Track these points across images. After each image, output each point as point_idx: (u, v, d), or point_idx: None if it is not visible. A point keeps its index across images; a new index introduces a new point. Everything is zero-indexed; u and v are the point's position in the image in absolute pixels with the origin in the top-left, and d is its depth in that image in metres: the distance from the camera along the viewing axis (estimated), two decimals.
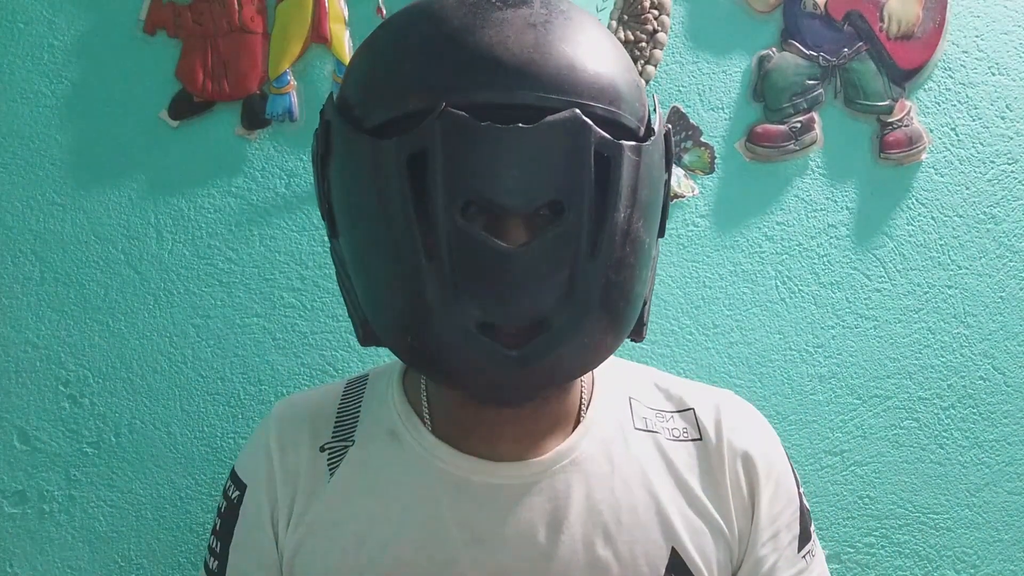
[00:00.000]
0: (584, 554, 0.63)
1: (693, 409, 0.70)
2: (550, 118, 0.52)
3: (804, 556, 0.69)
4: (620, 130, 0.56)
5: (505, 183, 0.53)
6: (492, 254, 0.53)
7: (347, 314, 0.64)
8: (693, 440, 0.68)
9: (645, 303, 0.62)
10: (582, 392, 0.69)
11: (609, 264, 0.55)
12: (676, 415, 0.70)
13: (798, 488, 0.71)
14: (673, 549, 0.64)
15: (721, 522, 0.66)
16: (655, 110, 0.61)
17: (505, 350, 0.54)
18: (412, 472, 0.66)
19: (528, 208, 0.54)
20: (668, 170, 0.62)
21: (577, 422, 0.68)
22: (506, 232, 0.54)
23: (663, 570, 0.64)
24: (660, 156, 0.60)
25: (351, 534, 0.65)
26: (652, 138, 0.58)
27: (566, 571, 0.63)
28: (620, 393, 0.70)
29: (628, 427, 0.68)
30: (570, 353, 0.57)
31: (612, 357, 0.68)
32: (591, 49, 0.55)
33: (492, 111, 0.52)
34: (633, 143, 0.55)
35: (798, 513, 0.70)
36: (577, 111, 0.53)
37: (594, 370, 0.69)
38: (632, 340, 0.63)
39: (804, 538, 0.69)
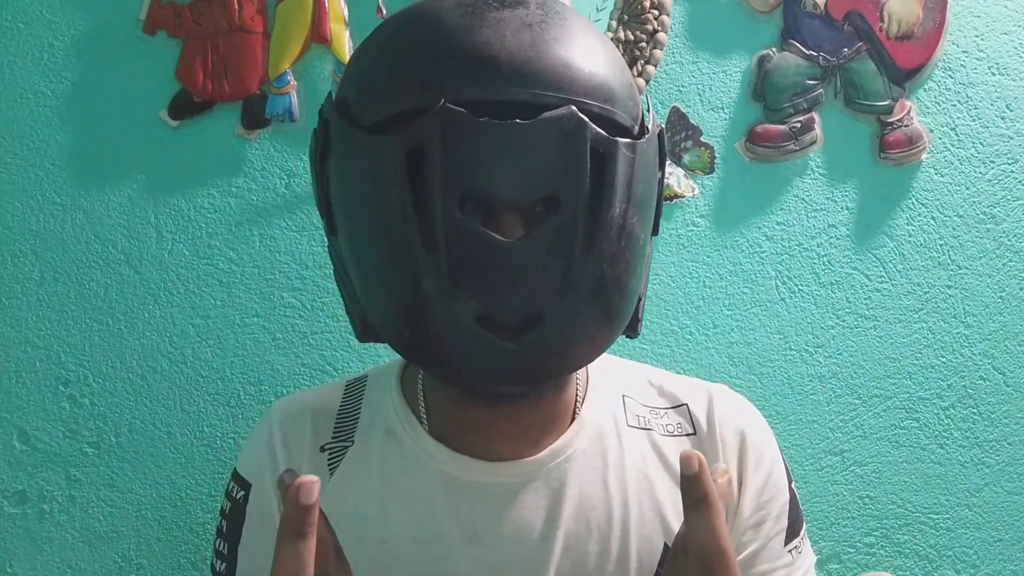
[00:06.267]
0: (578, 550, 0.64)
1: (687, 404, 0.71)
2: (546, 115, 0.53)
3: (790, 551, 0.69)
4: (615, 127, 0.56)
5: (502, 178, 0.53)
6: (489, 247, 0.53)
7: (345, 312, 0.65)
8: (688, 435, 0.69)
9: (640, 299, 0.63)
10: (577, 389, 0.69)
11: (604, 258, 0.56)
12: (670, 411, 0.71)
13: (790, 483, 0.71)
14: (666, 546, 0.65)
15: None
16: (648, 110, 0.62)
17: (502, 342, 0.55)
18: (409, 471, 0.66)
19: (524, 202, 0.54)
20: (662, 168, 0.63)
21: (572, 420, 0.68)
22: (503, 227, 0.54)
23: (655, 567, 0.64)
24: (654, 154, 0.60)
25: (350, 532, 0.65)
26: (646, 136, 0.59)
27: (561, 567, 0.63)
28: (614, 391, 0.71)
29: (622, 424, 0.69)
30: (565, 347, 0.57)
31: (606, 355, 0.69)
32: (586, 49, 0.56)
33: (489, 108, 0.52)
34: (628, 140, 0.56)
35: (787, 507, 0.70)
36: (573, 108, 0.53)
37: (588, 368, 0.69)
38: (627, 336, 0.64)
39: (792, 533, 0.69)
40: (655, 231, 0.64)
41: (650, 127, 0.60)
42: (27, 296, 1.03)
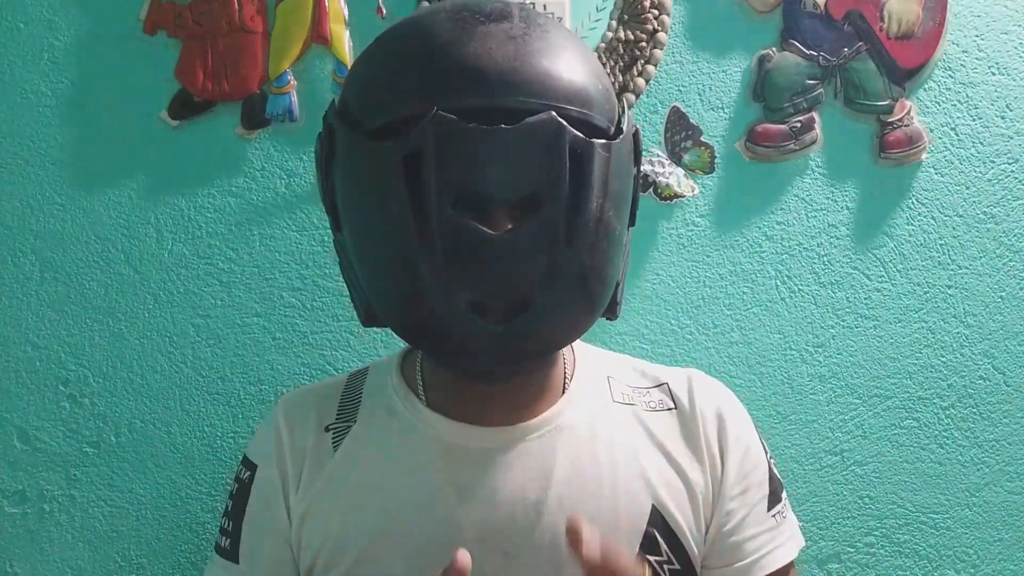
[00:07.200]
0: (570, 511, 0.68)
1: (667, 383, 0.77)
2: (529, 120, 0.59)
3: (774, 516, 0.75)
4: (592, 130, 0.62)
5: (490, 177, 0.60)
6: (479, 240, 0.59)
7: (350, 304, 0.70)
8: (669, 410, 0.76)
9: (618, 285, 0.69)
10: (565, 369, 0.75)
11: (583, 250, 0.62)
12: (652, 389, 0.77)
13: (766, 453, 0.77)
14: (654, 507, 0.71)
15: (698, 482, 0.73)
16: (624, 111, 0.67)
17: (491, 326, 0.61)
18: (408, 441, 0.72)
19: (511, 200, 0.60)
20: (637, 165, 0.69)
21: (562, 395, 0.74)
22: (492, 222, 0.60)
23: (644, 527, 0.70)
24: (629, 152, 0.67)
25: (353, 501, 0.71)
26: (621, 136, 0.65)
27: (554, 527, 0.68)
28: (599, 373, 0.77)
29: (607, 401, 0.75)
30: (549, 329, 0.64)
31: (592, 346, 0.80)
32: (565, 58, 0.62)
33: (478, 114, 0.58)
34: (604, 141, 0.62)
35: (767, 476, 0.76)
36: (553, 113, 0.59)
37: (576, 353, 0.77)
38: (607, 318, 0.70)
39: (774, 499, 0.76)
40: (632, 222, 0.70)
41: (625, 128, 0.66)
42: (27, 296, 1.03)
